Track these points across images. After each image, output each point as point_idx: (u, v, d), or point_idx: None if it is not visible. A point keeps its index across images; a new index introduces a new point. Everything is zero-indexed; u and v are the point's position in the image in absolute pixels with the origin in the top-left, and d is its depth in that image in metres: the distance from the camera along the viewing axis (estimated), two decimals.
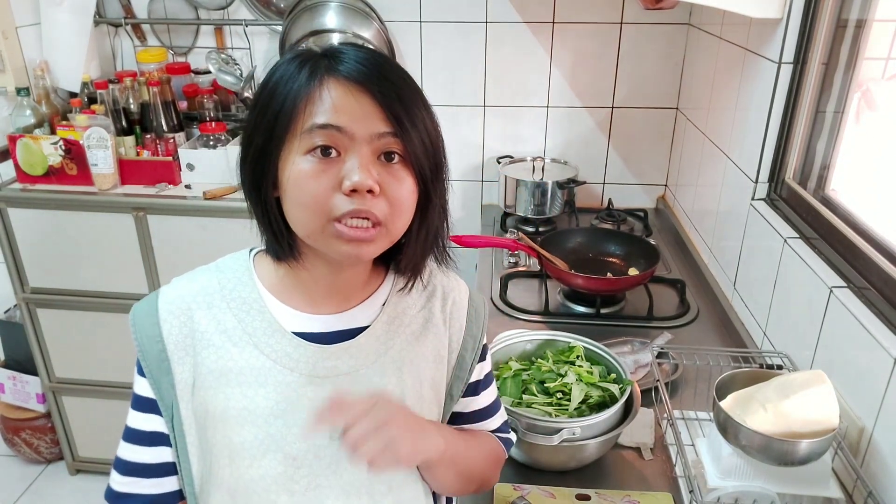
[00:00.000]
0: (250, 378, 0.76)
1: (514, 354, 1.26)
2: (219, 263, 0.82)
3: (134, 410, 0.79)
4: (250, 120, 0.74)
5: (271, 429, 0.76)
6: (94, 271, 2.04)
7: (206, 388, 0.76)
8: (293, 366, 0.76)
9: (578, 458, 1.11)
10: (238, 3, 2.17)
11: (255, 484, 0.76)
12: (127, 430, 0.80)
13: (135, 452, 0.80)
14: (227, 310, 0.77)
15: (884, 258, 1.06)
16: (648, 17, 2.05)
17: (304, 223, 0.72)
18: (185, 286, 0.80)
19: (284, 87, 0.71)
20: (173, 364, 0.76)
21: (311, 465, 0.77)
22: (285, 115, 0.70)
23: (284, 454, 0.76)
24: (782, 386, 1.00)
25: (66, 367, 2.21)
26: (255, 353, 0.76)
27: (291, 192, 0.71)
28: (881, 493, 0.96)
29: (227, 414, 0.75)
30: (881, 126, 1.28)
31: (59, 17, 2.11)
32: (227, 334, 0.77)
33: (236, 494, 0.77)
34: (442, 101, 2.21)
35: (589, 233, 1.87)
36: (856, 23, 1.24)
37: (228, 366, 0.76)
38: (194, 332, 0.77)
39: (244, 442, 0.75)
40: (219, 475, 0.77)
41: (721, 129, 1.71)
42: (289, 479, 0.76)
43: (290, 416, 0.76)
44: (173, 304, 0.78)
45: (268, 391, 0.76)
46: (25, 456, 2.44)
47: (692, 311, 1.63)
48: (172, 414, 0.77)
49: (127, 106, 2.05)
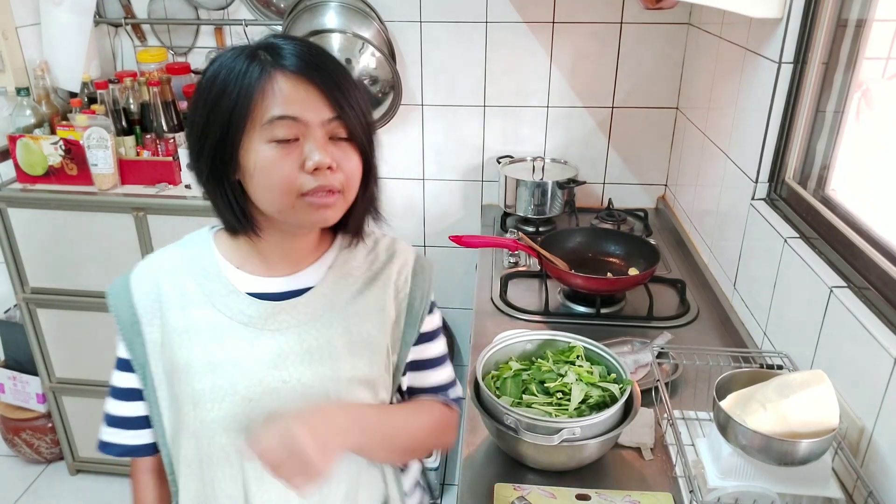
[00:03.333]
0: (209, 334, 0.87)
1: (514, 354, 1.26)
2: (184, 240, 0.95)
3: (116, 370, 0.92)
4: (201, 115, 0.82)
5: (228, 375, 0.86)
6: (94, 271, 2.04)
7: (171, 344, 0.87)
8: (247, 321, 0.87)
9: (578, 458, 1.11)
10: (238, 3, 2.17)
11: (217, 424, 0.86)
12: (111, 388, 0.93)
13: (117, 407, 0.92)
14: (189, 277, 0.89)
15: (884, 258, 1.06)
16: (648, 17, 2.05)
17: (273, 201, 0.82)
18: (153, 261, 0.92)
19: (235, 84, 0.79)
20: (143, 326, 0.88)
21: (266, 406, 0.86)
22: (242, 109, 0.79)
23: (241, 397, 0.86)
24: (782, 386, 1.00)
25: (66, 367, 2.21)
26: (213, 311, 0.87)
27: (260, 177, 0.81)
28: (881, 493, 0.96)
29: (190, 365, 0.86)
30: (881, 126, 1.28)
31: (59, 17, 2.11)
32: (189, 297, 0.88)
33: (200, 436, 0.87)
34: (442, 101, 2.21)
35: (589, 233, 1.87)
36: (856, 23, 1.24)
37: (190, 324, 0.87)
38: (160, 297, 0.88)
39: (205, 389, 0.85)
40: (185, 421, 0.87)
41: (721, 128, 1.72)
42: (245, 419, 0.86)
43: (246, 364, 0.86)
44: (142, 276, 0.90)
45: (224, 343, 0.86)
46: (25, 456, 2.44)
47: (692, 311, 1.63)
48: (145, 372, 0.89)
49: (127, 106, 2.05)
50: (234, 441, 0.87)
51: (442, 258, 2.44)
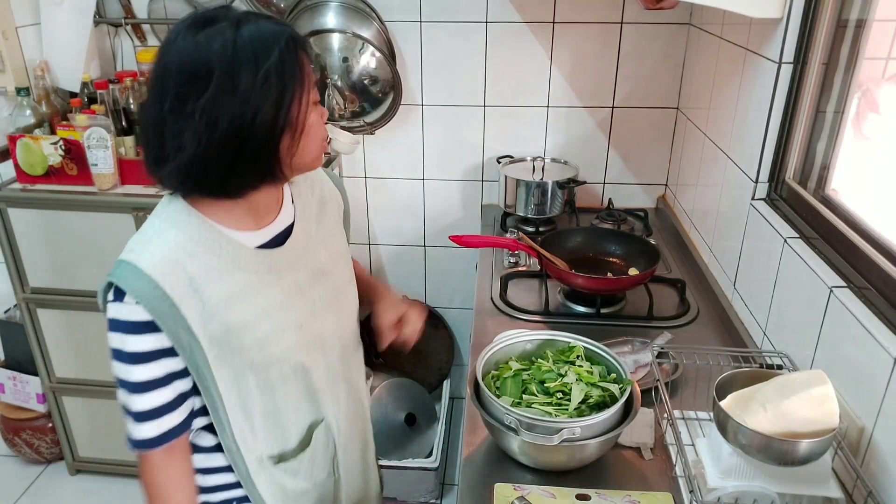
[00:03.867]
0: (248, 291, 0.98)
1: (514, 354, 1.26)
2: (165, 221, 0.97)
3: (138, 365, 0.92)
4: (251, 98, 0.87)
5: (278, 316, 1.01)
6: (94, 271, 2.04)
7: (218, 313, 0.94)
8: (268, 270, 1.00)
9: (578, 458, 1.11)
10: (238, 3, 2.17)
11: (284, 354, 1.02)
12: (136, 385, 0.93)
13: (155, 398, 0.94)
14: (205, 252, 0.94)
15: (884, 258, 1.06)
16: (648, 17, 2.05)
17: (314, 151, 0.98)
18: (157, 249, 0.93)
19: (280, 68, 0.89)
20: (183, 310, 0.91)
21: (310, 324, 1.06)
22: (294, 87, 0.91)
23: (294, 326, 1.03)
24: (782, 386, 1.00)
25: (66, 367, 2.21)
26: (241, 273, 0.97)
27: (314, 134, 0.96)
28: (881, 492, 0.96)
29: (246, 321, 0.97)
30: (881, 126, 1.28)
31: (59, 17, 2.11)
32: (216, 269, 0.95)
33: (271, 369, 1.02)
34: (442, 101, 2.21)
35: (589, 233, 1.87)
36: (856, 23, 1.24)
37: (229, 291, 0.95)
38: (191, 278, 0.92)
39: (266, 333, 0.99)
40: (254, 364, 0.99)
41: (721, 128, 1.72)
42: (301, 340, 1.04)
43: (285, 302, 1.02)
44: (162, 265, 0.91)
45: (262, 294, 0.99)
46: (26, 456, 2.44)
47: (692, 310, 1.63)
48: (192, 347, 0.93)
49: (127, 106, 2.04)
50: (299, 360, 1.05)
51: (442, 258, 2.45)
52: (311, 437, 1.12)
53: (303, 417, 1.11)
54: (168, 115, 0.87)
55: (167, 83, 0.87)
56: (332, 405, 1.14)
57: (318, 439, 1.13)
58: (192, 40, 0.87)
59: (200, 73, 0.86)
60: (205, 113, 0.86)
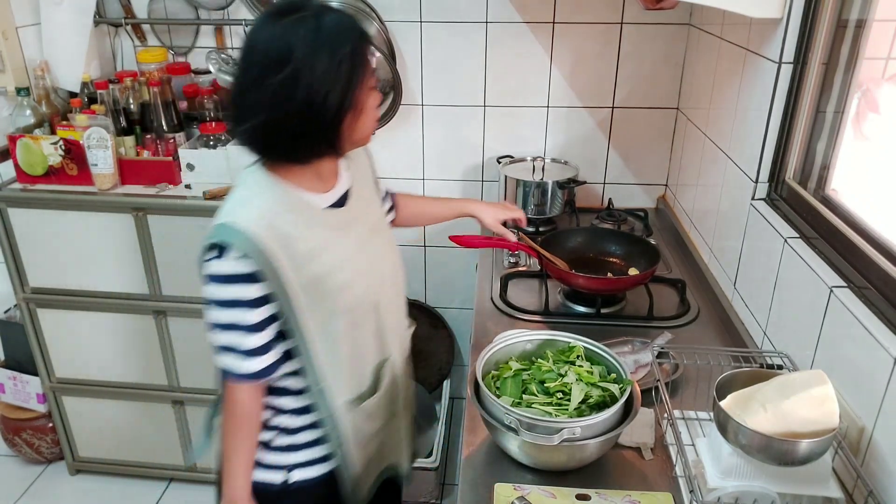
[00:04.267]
0: (327, 244, 1.14)
1: (514, 354, 1.26)
2: (250, 189, 1.12)
3: (249, 310, 1.08)
4: (326, 79, 1.02)
5: (353, 264, 1.18)
6: (94, 271, 2.05)
7: (306, 264, 1.10)
8: (338, 226, 1.17)
9: (578, 458, 1.11)
10: (238, 3, 2.17)
11: (362, 296, 1.18)
12: (244, 327, 1.09)
13: (259, 338, 1.10)
14: (287, 214, 1.10)
15: (884, 258, 1.06)
16: (648, 17, 2.05)
17: (369, 128, 1.14)
18: (250, 211, 1.08)
19: (352, 56, 1.04)
20: (277, 263, 1.06)
21: (378, 267, 1.24)
22: (360, 73, 1.06)
23: (367, 272, 1.20)
24: (782, 386, 1.00)
25: (66, 367, 2.21)
26: (319, 229, 1.14)
27: (370, 114, 1.12)
28: (881, 492, 0.96)
29: (332, 268, 1.13)
30: (881, 126, 1.28)
31: (59, 17, 2.11)
32: (299, 227, 1.11)
33: (354, 309, 1.17)
34: (442, 101, 2.21)
35: (589, 233, 1.87)
36: (856, 23, 1.24)
37: (313, 245, 1.11)
38: (280, 235, 1.07)
39: (347, 278, 1.15)
40: (339, 305, 1.15)
41: (721, 128, 1.72)
42: (372, 284, 1.21)
43: (356, 253, 1.19)
44: (258, 224, 1.06)
45: (339, 246, 1.16)
46: (26, 456, 2.45)
47: (692, 311, 1.63)
48: (284, 294, 1.08)
49: (127, 106, 2.05)
50: (372, 301, 1.20)
51: (442, 258, 2.45)
52: (381, 376, 1.27)
53: (375, 357, 1.26)
54: (251, 84, 1.03)
55: (253, 59, 1.04)
56: (394, 344, 1.30)
57: (386, 377, 1.28)
58: (279, 25, 1.02)
59: (283, 53, 1.00)
60: (283, 87, 1.01)
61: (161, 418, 2.24)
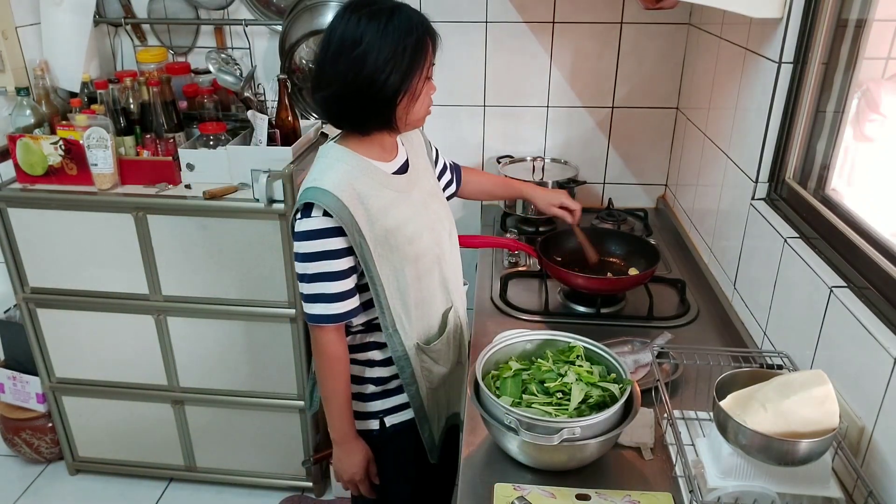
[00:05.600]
0: (395, 202, 1.30)
1: (514, 354, 1.26)
2: (329, 159, 1.29)
3: (334, 260, 1.25)
4: (389, 63, 1.18)
5: (418, 221, 1.34)
6: (94, 271, 2.05)
7: (379, 219, 1.27)
8: (402, 189, 1.33)
9: (578, 458, 1.11)
10: (238, 3, 2.17)
11: (425, 249, 1.35)
12: (331, 274, 1.26)
13: (344, 284, 1.27)
14: (362, 177, 1.28)
15: (884, 258, 1.06)
16: (648, 16, 2.05)
17: (423, 110, 1.30)
18: (333, 176, 1.25)
19: (415, 47, 1.20)
20: (356, 218, 1.24)
21: (436, 227, 1.39)
22: (420, 63, 1.22)
23: (428, 229, 1.36)
24: (782, 386, 1.00)
25: (66, 367, 2.21)
26: (388, 191, 1.30)
27: (424, 101, 1.28)
28: (881, 492, 0.96)
29: (401, 222, 1.30)
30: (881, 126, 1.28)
31: (59, 17, 2.11)
32: (372, 188, 1.28)
33: (419, 259, 1.34)
34: (442, 101, 2.21)
35: (589, 233, 1.87)
36: (856, 23, 1.24)
37: (384, 203, 1.28)
38: (358, 194, 1.25)
39: (413, 232, 1.32)
40: (407, 256, 1.31)
41: (721, 128, 1.72)
42: (431, 240, 1.37)
43: (418, 212, 1.35)
44: (340, 185, 1.24)
45: (405, 205, 1.32)
46: (25, 456, 2.44)
47: (692, 310, 1.63)
48: (362, 245, 1.25)
49: (127, 106, 2.04)
50: (436, 253, 1.37)
51: None
52: (446, 322, 1.43)
53: (441, 304, 1.42)
54: (329, 61, 1.21)
55: (332, 39, 1.20)
56: (456, 293, 1.46)
57: (451, 324, 1.44)
58: (357, 14, 1.19)
59: (357, 37, 1.18)
60: (353, 64, 1.18)
61: (161, 418, 2.24)
